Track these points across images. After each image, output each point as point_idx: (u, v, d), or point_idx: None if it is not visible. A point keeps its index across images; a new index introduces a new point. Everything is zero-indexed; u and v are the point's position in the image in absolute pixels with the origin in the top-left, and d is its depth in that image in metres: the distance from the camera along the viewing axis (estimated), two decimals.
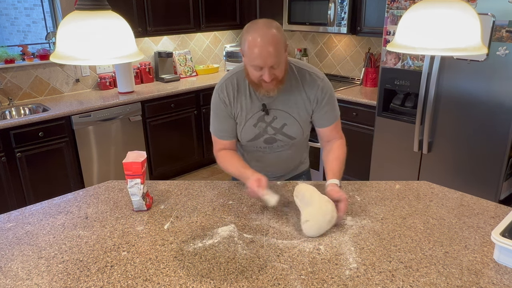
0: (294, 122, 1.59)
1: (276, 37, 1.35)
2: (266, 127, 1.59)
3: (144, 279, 1.13)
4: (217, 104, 1.59)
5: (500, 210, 1.47)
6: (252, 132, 1.60)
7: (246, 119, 1.58)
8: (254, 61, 1.37)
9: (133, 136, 3.59)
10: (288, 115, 1.57)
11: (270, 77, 1.39)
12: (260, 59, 1.35)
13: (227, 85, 1.56)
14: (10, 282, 1.13)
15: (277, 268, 1.16)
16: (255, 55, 1.35)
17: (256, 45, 1.34)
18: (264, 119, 1.57)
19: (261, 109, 1.56)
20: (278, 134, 1.60)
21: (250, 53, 1.36)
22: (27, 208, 1.53)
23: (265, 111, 1.56)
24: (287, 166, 1.76)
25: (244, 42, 1.39)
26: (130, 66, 3.64)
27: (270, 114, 1.57)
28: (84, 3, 1.05)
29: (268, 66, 1.37)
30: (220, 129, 1.62)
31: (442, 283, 1.10)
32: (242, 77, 1.56)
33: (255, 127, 1.59)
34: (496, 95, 2.50)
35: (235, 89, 1.56)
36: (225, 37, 4.82)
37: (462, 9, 1.14)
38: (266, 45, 1.33)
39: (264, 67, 1.37)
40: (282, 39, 1.37)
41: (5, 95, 3.34)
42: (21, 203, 2.99)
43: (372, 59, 3.74)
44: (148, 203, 1.50)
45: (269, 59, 1.35)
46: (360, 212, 1.46)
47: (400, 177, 3.09)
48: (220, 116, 1.59)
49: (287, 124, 1.58)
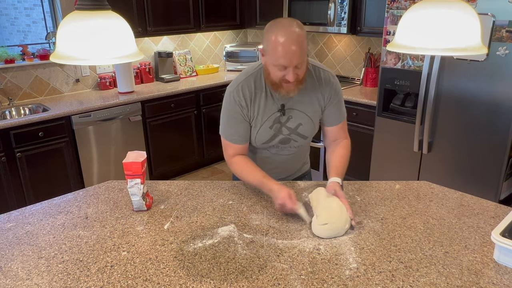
0: (309, 122, 1.58)
1: (300, 36, 1.33)
2: (281, 128, 1.57)
3: (144, 279, 1.13)
4: (231, 107, 1.53)
5: (500, 210, 1.47)
6: (268, 134, 1.57)
7: (262, 121, 1.54)
8: (279, 60, 1.34)
9: (133, 136, 3.59)
10: (304, 114, 1.56)
11: (294, 77, 1.37)
12: (285, 58, 1.33)
13: (243, 87, 1.51)
14: (10, 282, 1.13)
15: (277, 268, 1.16)
16: (280, 54, 1.33)
17: (281, 44, 1.32)
18: (279, 120, 1.55)
19: (278, 109, 1.53)
20: (292, 134, 1.59)
21: (275, 53, 1.34)
22: (27, 208, 1.53)
23: (282, 112, 1.53)
24: (293, 167, 1.75)
25: (267, 42, 1.36)
26: (130, 66, 3.64)
27: (286, 114, 1.54)
28: (84, 3, 1.05)
29: (293, 65, 1.35)
30: (233, 132, 1.56)
31: (442, 283, 1.10)
32: (258, 78, 1.52)
33: (271, 128, 1.56)
34: (496, 95, 2.50)
35: (252, 91, 1.51)
36: (225, 37, 4.82)
37: (462, 9, 1.14)
38: (291, 45, 1.32)
39: (289, 66, 1.35)
40: (305, 38, 1.36)
41: (5, 95, 3.34)
42: (21, 203, 2.99)
43: (372, 59, 3.74)
44: (148, 203, 1.50)
45: (294, 58, 1.33)
46: (360, 212, 1.46)
47: (400, 177, 3.09)
48: (234, 119, 1.54)
49: (302, 124, 1.57)
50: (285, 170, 1.74)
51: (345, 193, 1.60)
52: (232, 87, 1.54)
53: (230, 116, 1.55)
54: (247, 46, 4.64)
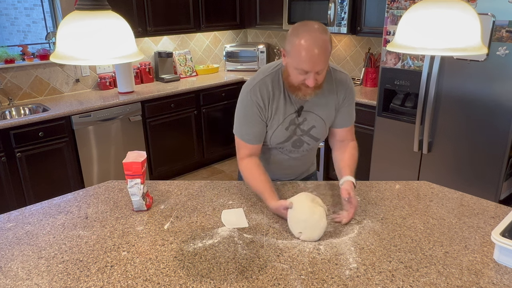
0: (322, 124, 1.58)
1: (326, 43, 1.32)
2: (295, 129, 1.56)
3: (144, 279, 1.13)
4: (248, 107, 1.51)
5: (500, 210, 1.47)
6: (284, 135, 1.56)
7: (279, 123, 1.53)
8: (301, 64, 1.33)
9: (133, 136, 3.59)
10: (318, 117, 1.56)
11: (314, 83, 1.36)
12: (308, 63, 1.31)
13: (261, 87, 1.49)
14: (10, 282, 1.13)
15: (277, 268, 1.16)
16: (303, 59, 1.31)
17: (306, 49, 1.30)
18: (295, 121, 1.55)
19: (295, 111, 1.53)
20: (305, 136, 1.59)
21: (298, 56, 1.32)
22: (27, 208, 1.53)
23: (298, 113, 1.53)
24: (302, 168, 1.75)
25: (291, 44, 1.34)
26: (130, 66, 3.64)
27: (301, 115, 1.54)
28: (84, 3, 1.05)
29: (315, 71, 1.33)
30: (248, 132, 1.54)
31: (442, 283, 1.10)
32: (276, 78, 1.50)
33: (286, 130, 1.55)
34: (496, 95, 2.50)
35: (269, 91, 1.49)
36: (225, 37, 4.82)
37: (462, 9, 1.14)
38: (315, 50, 1.30)
39: (311, 72, 1.33)
40: (330, 45, 1.34)
41: (5, 95, 3.34)
42: (21, 203, 2.99)
43: (372, 59, 3.74)
44: (148, 203, 1.50)
45: (318, 65, 1.32)
46: (360, 212, 1.46)
47: (400, 177, 3.09)
48: (251, 119, 1.52)
49: (315, 127, 1.57)
50: (295, 171, 1.74)
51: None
52: (249, 86, 1.51)
53: (247, 116, 1.52)
54: (247, 46, 4.64)
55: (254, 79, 1.52)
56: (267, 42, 4.79)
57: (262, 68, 1.56)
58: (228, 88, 4.16)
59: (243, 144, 1.56)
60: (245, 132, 1.54)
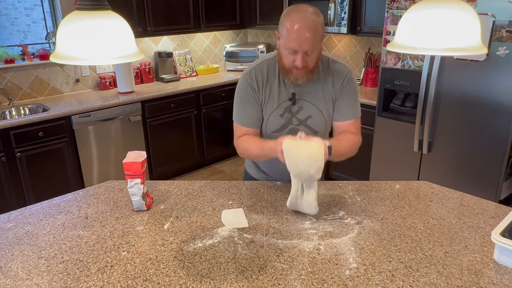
0: (319, 115, 1.57)
1: (316, 23, 1.35)
2: (291, 118, 1.57)
3: (144, 279, 1.13)
4: (244, 89, 1.56)
5: (500, 210, 1.47)
6: (278, 122, 1.58)
7: (273, 108, 1.56)
8: (290, 43, 1.36)
9: (133, 136, 3.59)
10: (314, 107, 1.56)
11: (302, 63, 1.38)
12: (296, 42, 1.34)
13: (257, 71, 1.55)
14: (10, 282, 1.13)
15: (277, 268, 1.16)
16: (292, 37, 1.34)
17: (295, 28, 1.33)
18: (290, 109, 1.56)
19: (289, 98, 1.54)
20: (302, 126, 1.58)
21: (287, 35, 1.35)
22: (27, 208, 1.53)
23: (293, 101, 1.54)
24: None
25: (282, 24, 1.38)
26: (130, 66, 3.64)
27: (297, 104, 1.55)
28: (84, 3, 1.05)
29: (303, 50, 1.36)
30: (244, 115, 1.58)
31: (442, 283, 1.10)
32: (272, 64, 1.54)
33: (281, 117, 1.57)
34: (496, 95, 2.50)
35: (264, 75, 1.54)
36: (225, 37, 4.82)
37: (462, 9, 1.14)
38: (304, 30, 1.33)
39: (299, 51, 1.36)
40: (321, 27, 1.37)
41: (5, 95, 3.34)
42: (21, 203, 2.99)
43: (372, 59, 3.74)
44: (148, 203, 1.50)
45: (305, 43, 1.34)
46: (360, 212, 1.46)
47: (400, 177, 3.09)
48: (246, 101, 1.56)
49: (311, 117, 1.57)
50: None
51: (345, 192, 1.60)
52: (246, 71, 1.58)
53: (243, 99, 1.57)
54: (247, 46, 4.64)
55: (251, 65, 1.58)
56: (267, 42, 4.79)
57: (261, 56, 1.61)
58: (228, 88, 4.16)
59: (239, 127, 1.60)
60: (241, 115, 1.58)
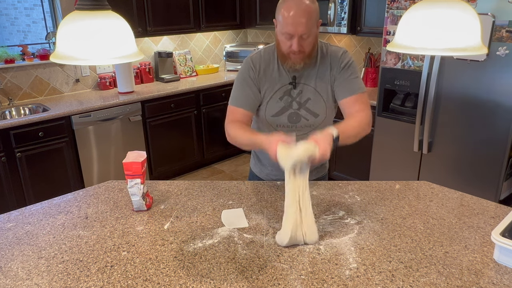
0: (318, 97, 1.59)
1: (310, 8, 1.40)
2: (292, 102, 1.60)
3: (144, 279, 1.13)
4: (245, 72, 1.60)
5: (500, 210, 1.47)
6: (278, 105, 1.60)
7: (273, 91, 1.59)
8: (285, 28, 1.41)
9: (133, 136, 3.59)
10: (313, 89, 1.58)
11: (298, 47, 1.43)
12: (291, 26, 1.39)
13: (257, 56, 1.61)
14: (10, 282, 1.13)
15: (277, 268, 1.16)
16: (287, 22, 1.40)
17: (290, 13, 1.39)
18: (290, 93, 1.59)
19: (289, 81, 1.58)
20: (301, 109, 1.60)
21: (283, 21, 1.41)
22: (27, 208, 1.53)
23: (293, 85, 1.58)
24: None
25: (278, 10, 1.44)
26: (130, 66, 3.64)
27: (297, 88, 1.59)
28: (84, 3, 1.05)
29: (298, 34, 1.41)
30: (241, 96, 1.60)
31: (442, 283, 1.10)
32: (272, 51, 1.60)
33: (281, 100, 1.60)
34: (496, 95, 2.50)
35: (266, 60, 1.59)
36: (225, 37, 4.82)
37: (462, 9, 1.14)
38: (299, 14, 1.38)
39: (294, 35, 1.41)
40: (315, 12, 1.42)
41: (5, 95, 3.34)
42: (21, 203, 2.99)
43: (372, 59, 3.74)
44: (148, 203, 1.50)
45: (300, 27, 1.39)
46: (360, 212, 1.46)
47: (400, 177, 3.09)
48: (246, 83, 1.60)
49: (311, 99, 1.59)
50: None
51: (345, 192, 1.60)
52: (249, 56, 1.63)
53: (243, 81, 1.61)
54: (247, 46, 4.64)
55: (253, 52, 1.65)
56: (267, 42, 4.79)
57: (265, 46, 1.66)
58: (228, 88, 4.16)
59: (233, 108, 1.61)
60: (238, 96, 1.62)
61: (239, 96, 1.61)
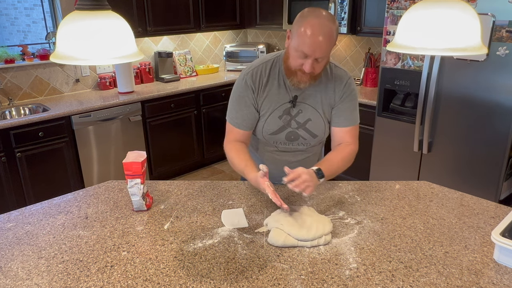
0: (318, 118, 1.56)
1: (332, 32, 1.33)
2: (290, 120, 1.56)
3: (144, 279, 1.13)
4: (241, 90, 1.54)
5: (500, 210, 1.47)
6: (276, 124, 1.56)
7: (272, 109, 1.54)
8: (302, 46, 1.34)
9: (133, 136, 3.59)
10: (313, 110, 1.55)
11: (310, 69, 1.37)
12: (310, 47, 1.33)
13: (257, 71, 1.53)
14: (10, 282, 1.13)
15: (277, 268, 1.16)
16: (305, 42, 1.32)
17: (310, 32, 1.31)
18: (289, 111, 1.54)
19: (289, 100, 1.53)
20: (300, 129, 1.57)
21: (301, 38, 1.33)
22: (27, 208, 1.53)
23: (293, 104, 1.53)
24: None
25: (298, 25, 1.35)
26: (130, 66, 3.64)
27: (296, 107, 1.54)
28: (84, 3, 1.05)
29: (314, 57, 1.34)
30: (238, 116, 1.56)
31: (442, 283, 1.10)
32: (274, 65, 1.53)
33: (280, 119, 1.55)
34: (496, 95, 2.50)
35: (264, 76, 1.52)
36: (225, 37, 4.82)
37: (462, 9, 1.14)
38: (320, 36, 1.31)
39: (310, 56, 1.34)
40: (335, 35, 1.36)
41: (5, 95, 3.34)
42: (21, 203, 2.99)
43: (372, 59, 3.74)
44: (148, 203, 1.50)
45: (318, 50, 1.33)
46: (360, 212, 1.46)
47: (400, 177, 3.09)
48: (243, 102, 1.54)
49: (311, 120, 1.55)
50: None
51: (345, 192, 1.60)
52: (246, 70, 1.55)
53: (239, 99, 1.55)
54: (247, 46, 4.64)
55: (252, 64, 1.56)
56: (267, 42, 4.79)
57: (261, 57, 1.59)
58: (228, 88, 4.16)
59: (231, 127, 1.58)
60: (235, 115, 1.57)
61: (236, 116, 1.56)
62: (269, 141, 1.62)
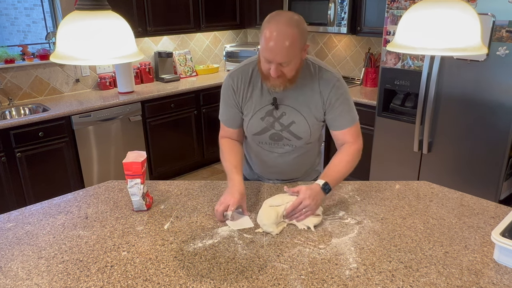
0: (302, 121, 1.54)
1: (293, 36, 1.31)
2: (274, 122, 1.55)
3: (144, 279, 1.13)
4: (225, 90, 1.59)
5: (500, 210, 1.47)
6: (259, 125, 1.57)
7: (254, 111, 1.55)
8: (265, 53, 1.35)
9: (133, 136, 3.59)
10: (297, 113, 1.53)
11: (277, 73, 1.36)
12: (270, 53, 1.33)
13: (240, 73, 1.56)
14: (10, 282, 1.13)
15: (277, 268, 1.16)
16: (267, 47, 1.32)
17: (271, 38, 1.31)
18: (272, 113, 1.54)
19: (271, 102, 1.53)
20: (284, 132, 1.56)
21: (263, 44, 1.34)
22: (27, 208, 1.53)
23: (275, 106, 1.52)
24: (296, 171, 1.71)
25: (261, 30, 1.36)
26: (130, 66, 3.64)
27: (280, 109, 1.53)
28: (84, 3, 1.05)
29: (276, 62, 1.34)
30: (224, 115, 1.63)
31: (442, 283, 1.10)
32: (255, 66, 1.54)
33: (262, 120, 1.55)
34: (496, 95, 2.50)
35: (247, 79, 1.54)
36: (225, 37, 4.82)
37: (462, 9, 1.14)
38: (279, 42, 1.30)
39: (272, 62, 1.35)
40: (299, 40, 1.33)
41: (5, 95, 3.34)
42: (21, 203, 2.99)
43: (372, 59, 3.74)
44: (148, 203, 1.50)
45: (279, 56, 1.32)
46: (360, 212, 1.46)
47: (400, 177, 3.09)
48: (226, 103, 1.59)
49: (295, 122, 1.54)
50: (286, 172, 1.70)
51: (345, 192, 1.60)
52: (230, 72, 1.60)
53: (224, 99, 1.61)
54: (247, 46, 4.64)
55: (238, 65, 1.60)
56: None
57: (249, 58, 1.62)
58: None
59: (222, 126, 1.66)
60: (223, 114, 1.64)
61: (224, 115, 1.63)
62: (254, 141, 1.64)
